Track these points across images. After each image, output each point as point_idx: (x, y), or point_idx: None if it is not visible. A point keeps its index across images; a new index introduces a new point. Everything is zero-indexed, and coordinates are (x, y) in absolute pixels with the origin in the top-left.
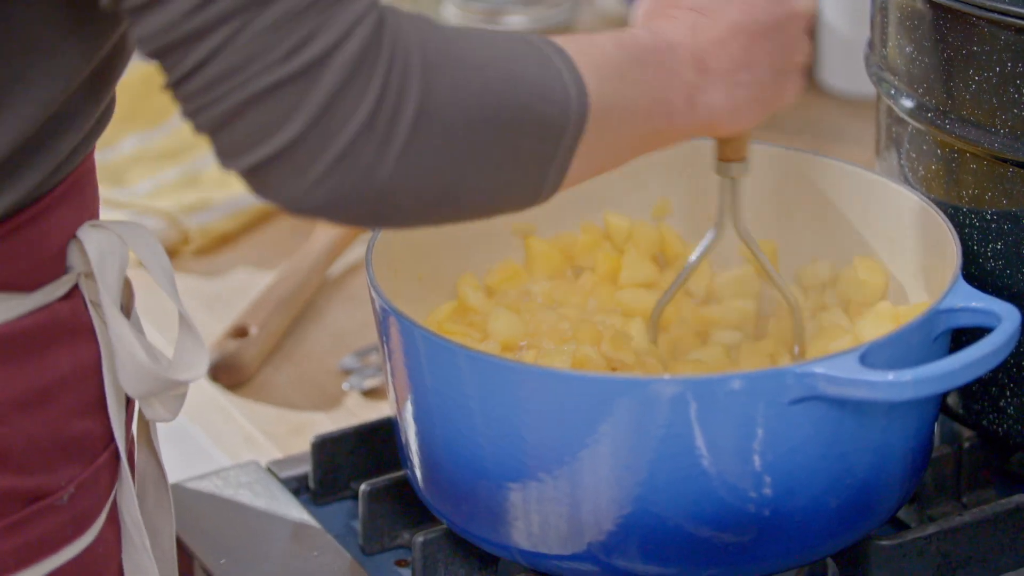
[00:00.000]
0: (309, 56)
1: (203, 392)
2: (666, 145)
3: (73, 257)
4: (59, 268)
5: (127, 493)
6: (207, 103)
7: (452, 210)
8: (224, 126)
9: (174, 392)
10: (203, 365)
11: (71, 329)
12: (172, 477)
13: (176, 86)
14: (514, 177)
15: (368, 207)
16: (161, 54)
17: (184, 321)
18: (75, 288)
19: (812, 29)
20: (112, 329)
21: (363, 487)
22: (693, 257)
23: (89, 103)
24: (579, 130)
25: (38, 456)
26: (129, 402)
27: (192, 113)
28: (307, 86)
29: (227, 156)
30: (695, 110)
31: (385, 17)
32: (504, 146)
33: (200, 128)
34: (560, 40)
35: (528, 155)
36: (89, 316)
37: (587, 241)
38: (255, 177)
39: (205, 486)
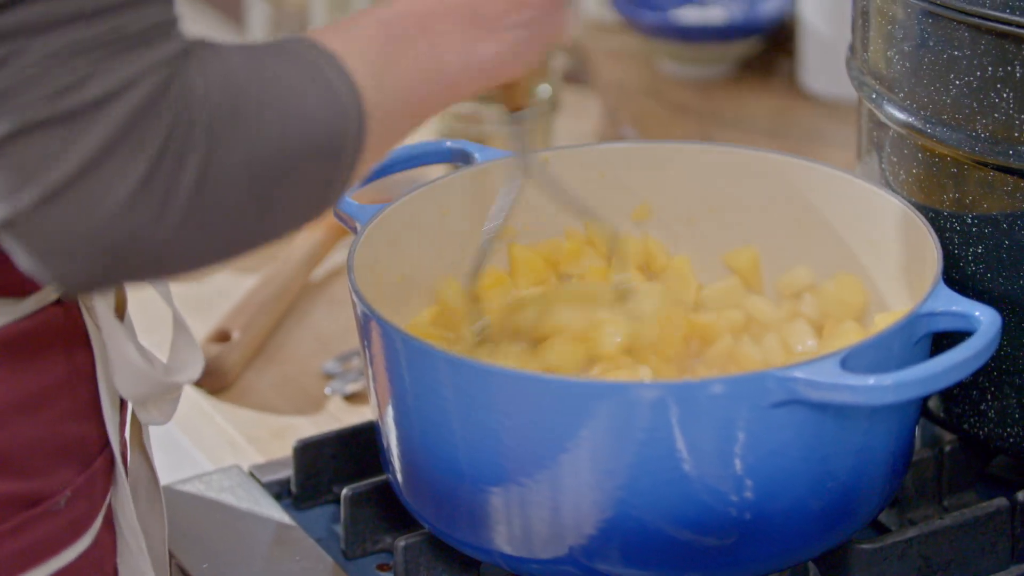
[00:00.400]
0: (83, 98)
1: (185, 396)
2: (451, 104)
3: None
4: None
5: (123, 496)
6: None
7: (242, 253)
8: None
9: (169, 395)
10: (198, 367)
11: (65, 333)
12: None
13: None
14: (302, 204)
15: (151, 265)
16: None
17: (178, 323)
18: None
19: None
20: (106, 333)
21: (345, 491)
22: (500, 209)
23: None
24: (360, 137)
25: (35, 460)
26: (122, 406)
27: None
28: (77, 129)
29: None
30: (471, 64)
31: (177, 72)
32: (288, 185)
33: None
34: (324, 36)
35: (313, 181)
36: (83, 320)
37: (571, 248)
38: (21, 231)
39: (187, 490)
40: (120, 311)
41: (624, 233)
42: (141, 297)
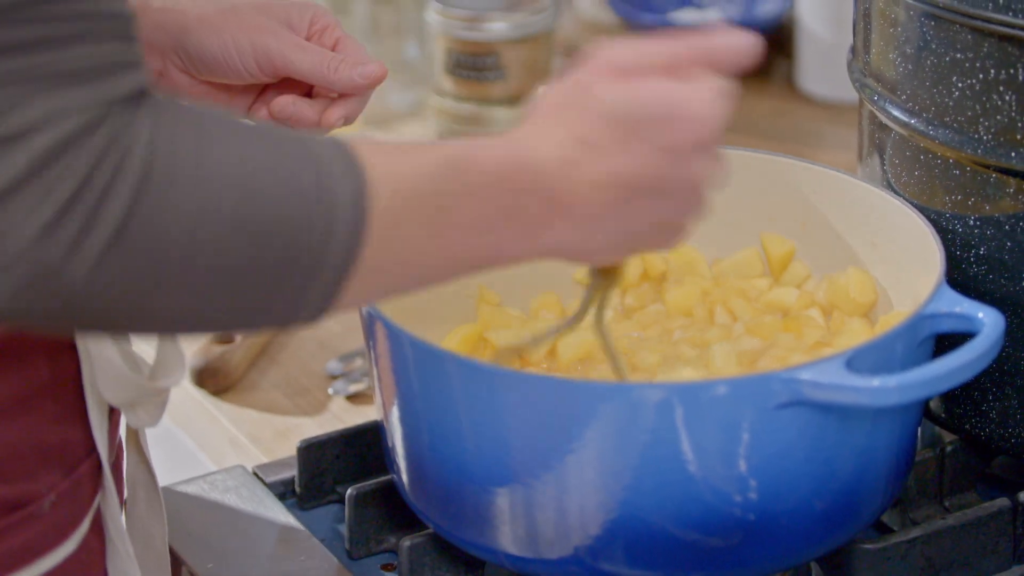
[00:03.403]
0: (3, 129)
1: (189, 397)
2: (497, 266)
3: None
4: None
5: (110, 501)
6: None
7: (170, 324)
8: None
9: (156, 399)
10: (182, 371)
11: (49, 338)
12: (159, 482)
13: None
14: (249, 304)
15: (60, 310)
16: None
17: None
18: None
19: (706, 190)
20: (90, 338)
21: (349, 491)
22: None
23: None
24: (347, 258)
25: (18, 464)
26: (114, 409)
27: None
28: None
29: None
30: (540, 242)
31: (107, 117)
32: (230, 273)
33: None
34: (370, 152)
35: (266, 282)
36: None
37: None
38: None
39: (192, 491)
40: None
41: None
42: None
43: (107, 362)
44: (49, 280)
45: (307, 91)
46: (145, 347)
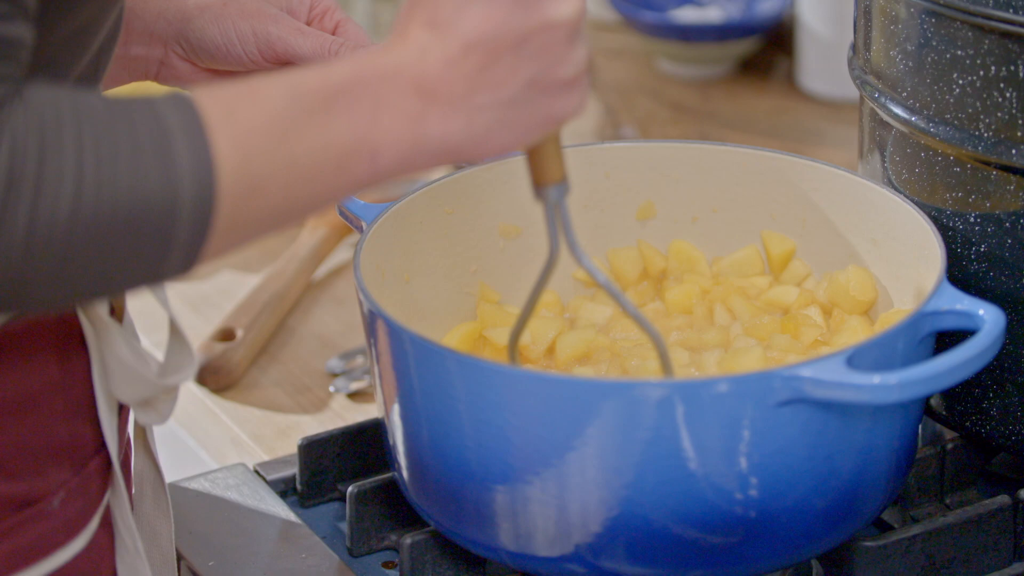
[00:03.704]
0: None
1: (190, 395)
2: (390, 180)
3: None
4: None
5: (120, 498)
6: None
7: (29, 307)
8: None
9: (166, 396)
10: (191, 369)
11: (58, 335)
12: (165, 479)
13: None
14: (105, 279)
15: None
16: None
17: (173, 325)
18: None
19: (579, 34)
20: (101, 335)
21: (351, 489)
22: (533, 287)
23: None
24: (200, 217)
25: (27, 461)
26: (123, 407)
27: None
28: None
29: None
30: (424, 140)
31: None
32: (76, 258)
33: None
34: (209, 104)
35: (124, 256)
36: (79, 322)
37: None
38: None
39: (193, 488)
40: (118, 313)
41: (665, 340)
42: (145, 298)
43: (118, 360)
44: None
45: None
46: (159, 342)
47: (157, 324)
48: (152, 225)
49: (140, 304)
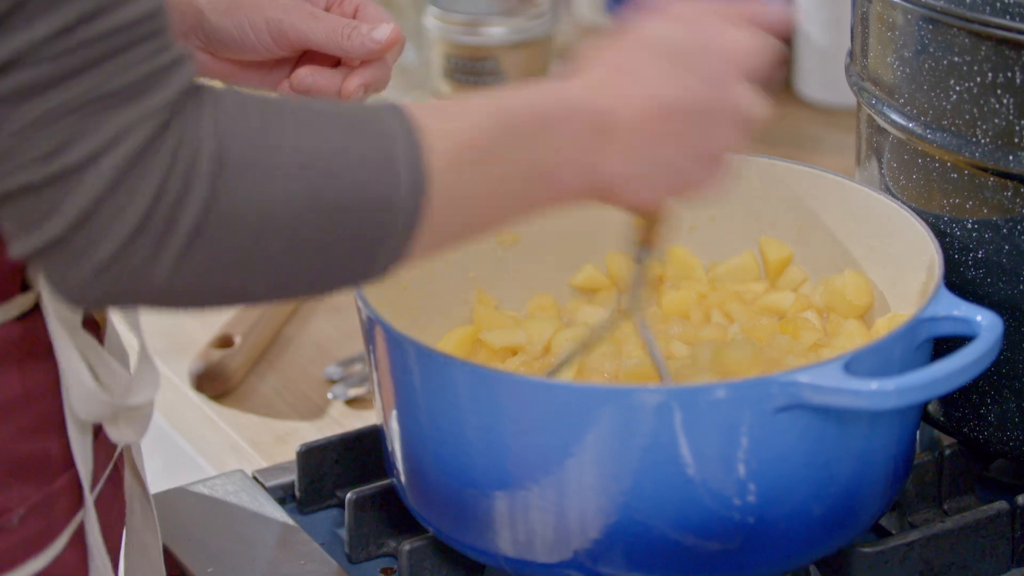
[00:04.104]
0: (68, 161)
1: (188, 402)
2: (558, 206)
3: (33, 275)
4: (14, 288)
5: (89, 517)
6: None
7: (255, 301)
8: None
9: (136, 413)
10: (155, 388)
11: (23, 349)
12: (158, 486)
13: None
14: (330, 272)
15: (152, 303)
16: None
17: (141, 347)
18: (36, 309)
19: (747, 125)
20: (61, 353)
21: (349, 495)
22: (596, 330)
23: None
24: (411, 222)
25: None
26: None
27: None
28: (65, 190)
29: (5, 240)
30: (591, 173)
31: (171, 122)
32: (306, 249)
33: None
34: (425, 115)
35: (341, 252)
36: (47, 335)
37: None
38: (34, 266)
39: (191, 495)
40: (100, 323)
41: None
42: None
43: (76, 379)
44: (134, 285)
45: (335, 62)
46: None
47: (166, 330)
48: (369, 225)
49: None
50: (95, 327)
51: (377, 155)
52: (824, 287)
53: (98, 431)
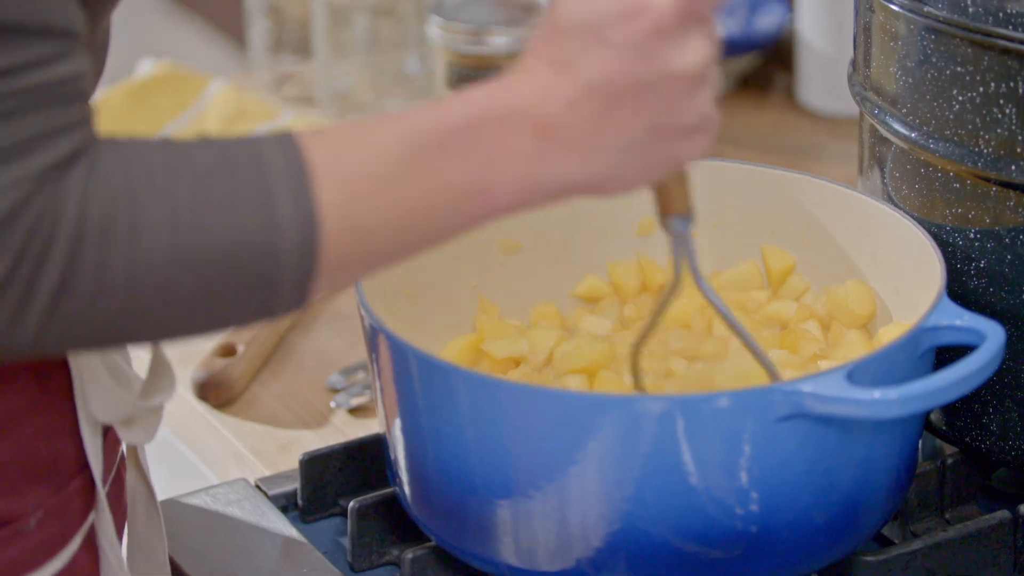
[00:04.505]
0: None
1: (191, 410)
2: (503, 215)
3: None
4: None
5: (104, 518)
6: None
7: (143, 343)
8: None
9: (149, 415)
10: (172, 388)
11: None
12: (161, 495)
13: None
14: (217, 318)
15: (27, 356)
16: None
17: (156, 348)
18: None
19: (703, 82)
20: (80, 355)
21: (352, 504)
22: (654, 311)
23: None
24: (304, 261)
25: (4, 480)
26: (110, 426)
27: None
28: None
29: None
30: (542, 179)
31: (42, 187)
32: (189, 302)
33: None
34: (316, 145)
35: (229, 300)
36: None
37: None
38: None
39: (194, 503)
40: None
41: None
42: None
43: (95, 380)
44: (6, 340)
45: None
46: (138, 360)
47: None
48: (255, 271)
49: None
50: None
51: (253, 198)
52: (826, 297)
53: (104, 434)
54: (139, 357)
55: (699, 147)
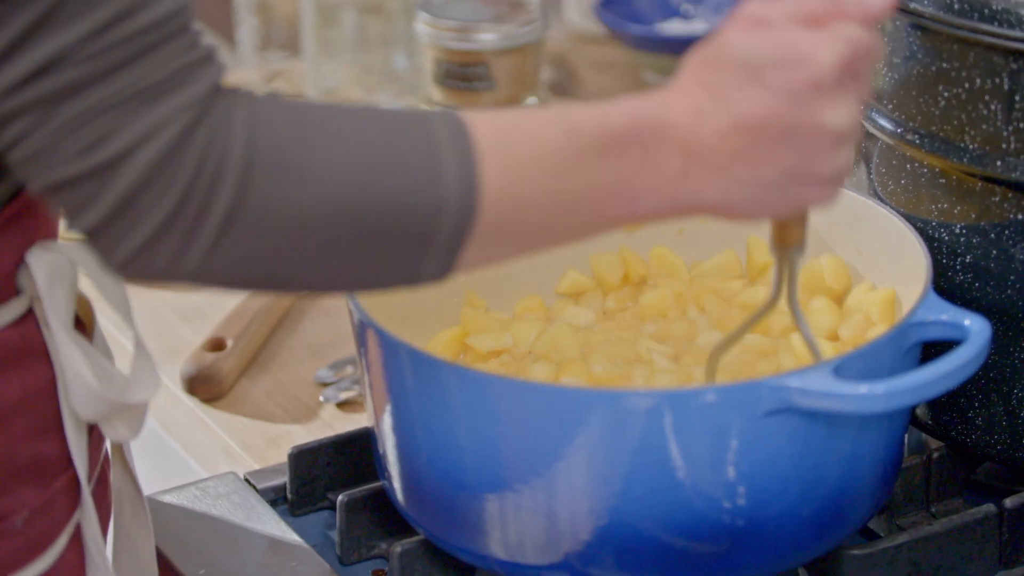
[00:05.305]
0: (104, 156)
1: (180, 405)
2: (640, 222)
3: (23, 280)
4: (8, 292)
5: (88, 515)
6: (24, 176)
7: (296, 291)
8: (46, 198)
9: (132, 412)
10: (155, 386)
11: (20, 353)
12: (150, 489)
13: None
14: (369, 273)
15: (191, 283)
16: None
17: (138, 343)
18: (29, 311)
19: (847, 141)
20: (61, 352)
21: (341, 498)
22: (744, 323)
23: None
24: (459, 230)
25: None
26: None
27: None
28: (102, 183)
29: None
30: (680, 196)
31: (203, 116)
32: (344, 250)
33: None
34: (483, 125)
35: (383, 255)
36: (43, 339)
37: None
38: (88, 243)
39: (183, 497)
40: (88, 327)
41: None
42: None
43: (77, 377)
44: (170, 268)
45: None
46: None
47: (150, 335)
48: (414, 225)
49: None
50: (82, 328)
51: (421, 161)
52: (803, 271)
53: (89, 431)
54: (122, 354)
55: (829, 195)
